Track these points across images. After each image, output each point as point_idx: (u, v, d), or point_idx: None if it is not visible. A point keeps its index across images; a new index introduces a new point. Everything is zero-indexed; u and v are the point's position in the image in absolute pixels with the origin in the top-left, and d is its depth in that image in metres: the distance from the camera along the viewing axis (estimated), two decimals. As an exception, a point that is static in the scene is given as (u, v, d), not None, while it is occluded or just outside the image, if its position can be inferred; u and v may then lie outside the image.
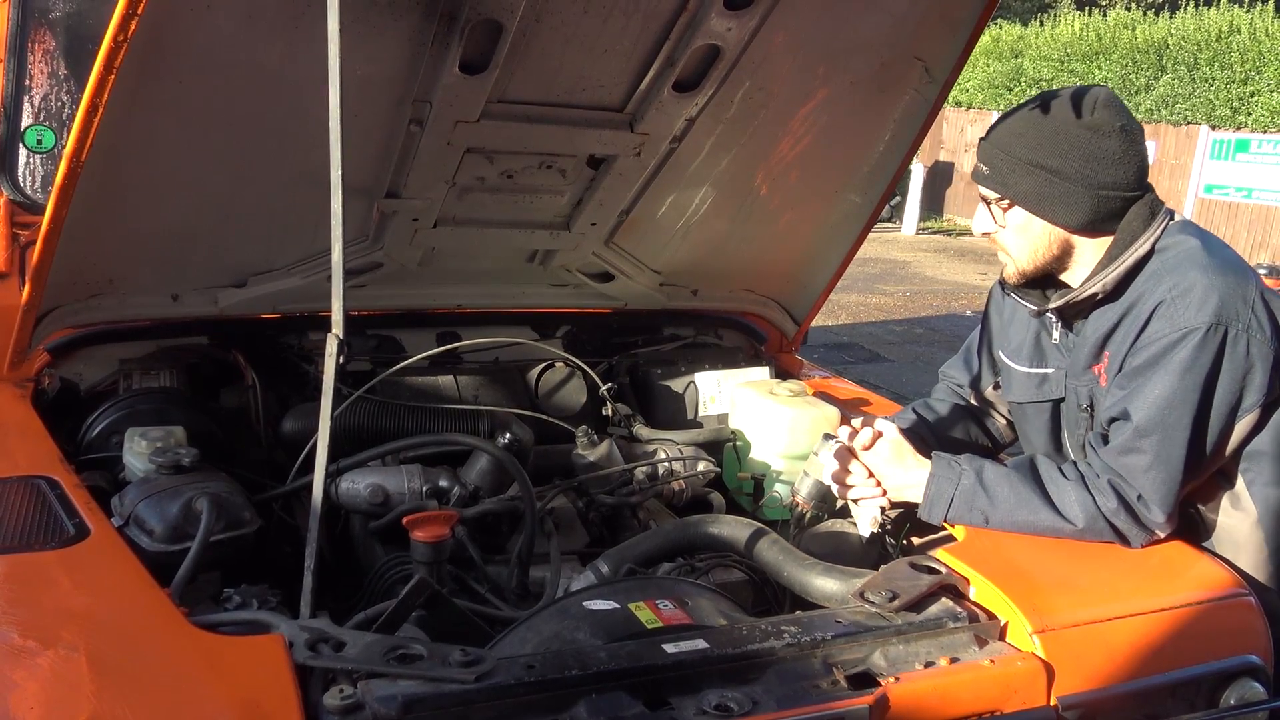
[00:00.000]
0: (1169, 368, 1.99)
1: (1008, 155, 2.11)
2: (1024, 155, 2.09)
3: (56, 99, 2.67)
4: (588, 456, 2.48)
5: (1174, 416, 1.99)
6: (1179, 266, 2.05)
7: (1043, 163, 2.07)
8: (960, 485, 2.08)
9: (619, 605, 1.75)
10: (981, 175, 2.18)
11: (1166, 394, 1.99)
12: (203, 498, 1.90)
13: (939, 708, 1.64)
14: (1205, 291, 1.99)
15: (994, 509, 2.06)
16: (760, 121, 2.42)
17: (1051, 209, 2.10)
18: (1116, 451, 2.03)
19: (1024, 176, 2.09)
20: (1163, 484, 2.00)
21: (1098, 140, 2.05)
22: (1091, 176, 2.06)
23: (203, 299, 2.53)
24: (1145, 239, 2.09)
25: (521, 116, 2.22)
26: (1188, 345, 1.98)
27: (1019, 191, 2.11)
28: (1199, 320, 1.97)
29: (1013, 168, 2.10)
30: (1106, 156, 2.06)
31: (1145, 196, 2.13)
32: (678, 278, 2.97)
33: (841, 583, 1.90)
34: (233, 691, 1.44)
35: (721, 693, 1.55)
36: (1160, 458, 2.00)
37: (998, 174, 2.13)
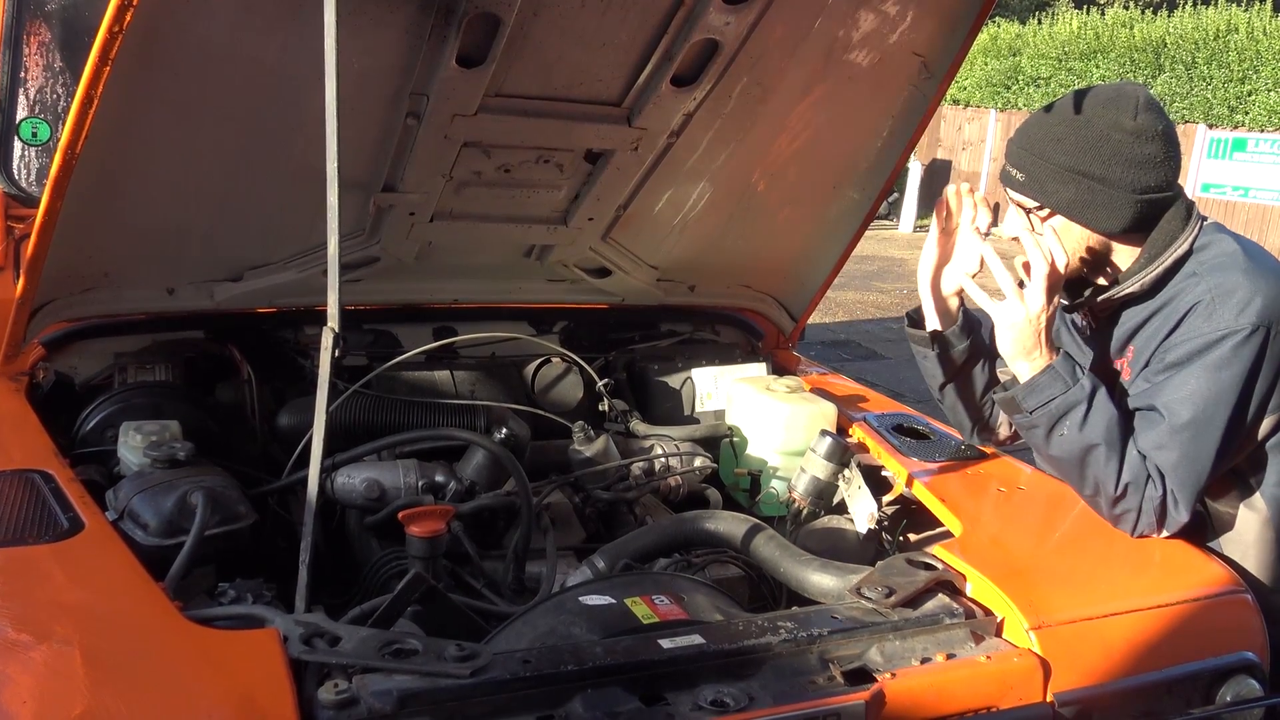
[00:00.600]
0: (1207, 365, 1.97)
1: (1046, 162, 2.05)
2: (1064, 162, 2.03)
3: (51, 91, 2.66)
4: (584, 452, 2.48)
5: (1207, 415, 1.97)
6: (1220, 269, 2.03)
7: (1086, 170, 2.02)
8: (1071, 392, 2.01)
9: (615, 600, 1.75)
10: (1016, 181, 2.11)
11: (1204, 391, 1.97)
12: (198, 492, 1.90)
13: (935, 704, 1.64)
14: (1249, 294, 1.98)
15: (1078, 433, 1.99)
16: (758, 117, 2.42)
17: (1094, 216, 2.06)
18: (1150, 446, 2.02)
19: (1065, 184, 2.04)
20: (1189, 481, 2.00)
21: (1141, 145, 2.01)
22: (1135, 182, 2.02)
23: (198, 293, 2.52)
24: (1184, 239, 2.08)
25: (519, 110, 2.21)
26: (1228, 344, 1.96)
27: (1060, 199, 2.06)
28: (1242, 322, 1.96)
29: (1052, 175, 2.05)
30: (1149, 161, 2.02)
31: (1180, 198, 2.11)
32: (675, 273, 2.96)
33: (838, 579, 1.90)
34: (227, 686, 1.43)
35: (718, 688, 1.54)
36: (1189, 455, 1.99)
37: (1036, 182, 2.07)
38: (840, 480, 2.40)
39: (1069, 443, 2.02)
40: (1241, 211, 15.30)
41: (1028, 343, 2.04)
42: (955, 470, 2.38)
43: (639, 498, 2.50)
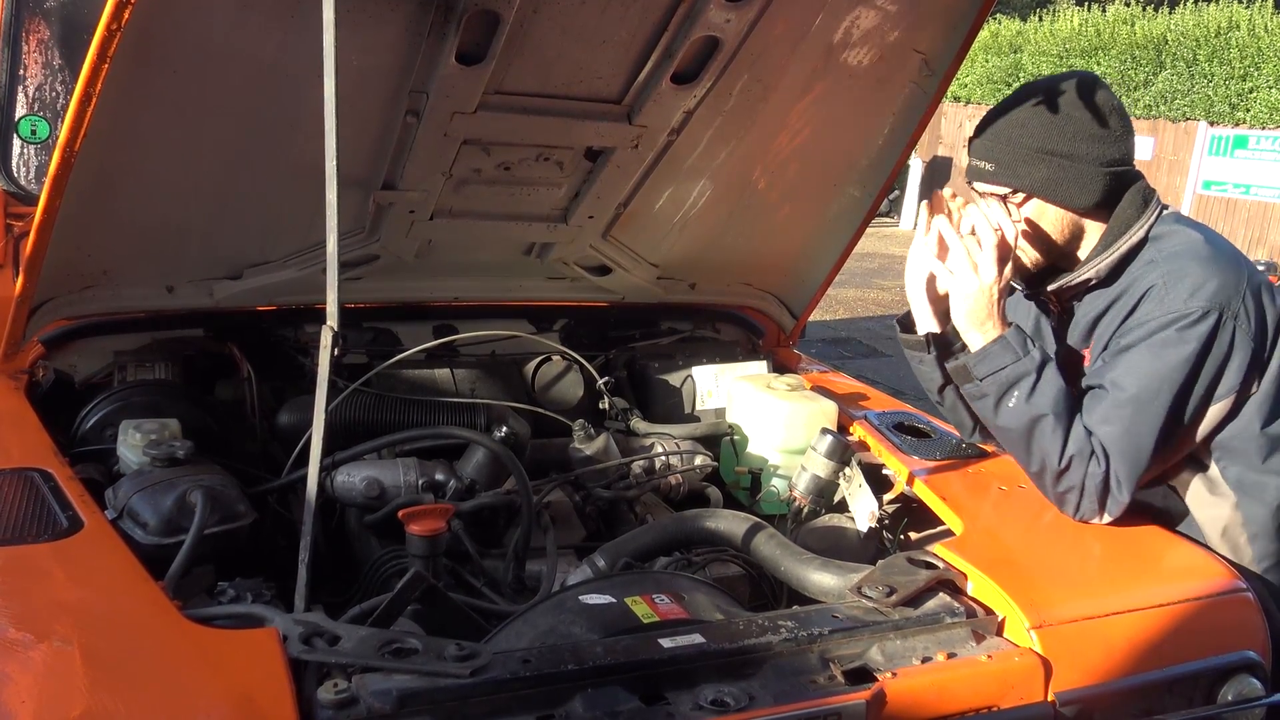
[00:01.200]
0: (1153, 345, 2.03)
1: (1015, 146, 2.12)
2: (1033, 144, 2.11)
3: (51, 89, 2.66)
4: (585, 450, 2.47)
5: (1150, 393, 2.02)
6: (1177, 256, 2.09)
7: (1054, 149, 2.10)
8: (1021, 362, 2.05)
9: (615, 599, 1.74)
10: (985, 173, 2.17)
11: (1146, 370, 2.02)
12: (197, 491, 1.89)
13: (936, 703, 1.63)
14: (1201, 279, 2.03)
15: (1025, 404, 2.03)
16: (759, 114, 2.41)
17: (1067, 192, 2.13)
18: (1095, 420, 2.06)
19: (1036, 165, 2.11)
20: (1130, 458, 2.03)
21: (1100, 120, 2.11)
22: (1101, 155, 2.11)
23: (198, 291, 2.52)
24: (1139, 226, 2.14)
25: (519, 108, 2.20)
26: (1175, 327, 2.01)
27: (1034, 180, 2.13)
28: (1192, 306, 2.02)
29: (1023, 158, 2.12)
30: (1110, 135, 2.11)
31: (1138, 183, 2.18)
32: (675, 271, 2.96)
33: (839, 578, 1.89)
34: (227, 685, 1.43)
35: (718, 688, 1.54)
36: (1130, 431, 2.02)
37: (1007, 168, 2.14)
38: (841, 478, 2.39)
39: (1017, 413, 2.06)
40: (1243, 209, 15.27)
41: (980, 314, 2.07)
42: (956, 469, 2.38)
43: (639, 496, 2.49)
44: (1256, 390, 2.10)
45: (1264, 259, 13.61)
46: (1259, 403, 2.10)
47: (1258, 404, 2.10)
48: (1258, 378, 2.09)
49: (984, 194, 2.20)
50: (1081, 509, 2.06)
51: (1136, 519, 2.14)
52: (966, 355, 2.11)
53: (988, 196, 2.19)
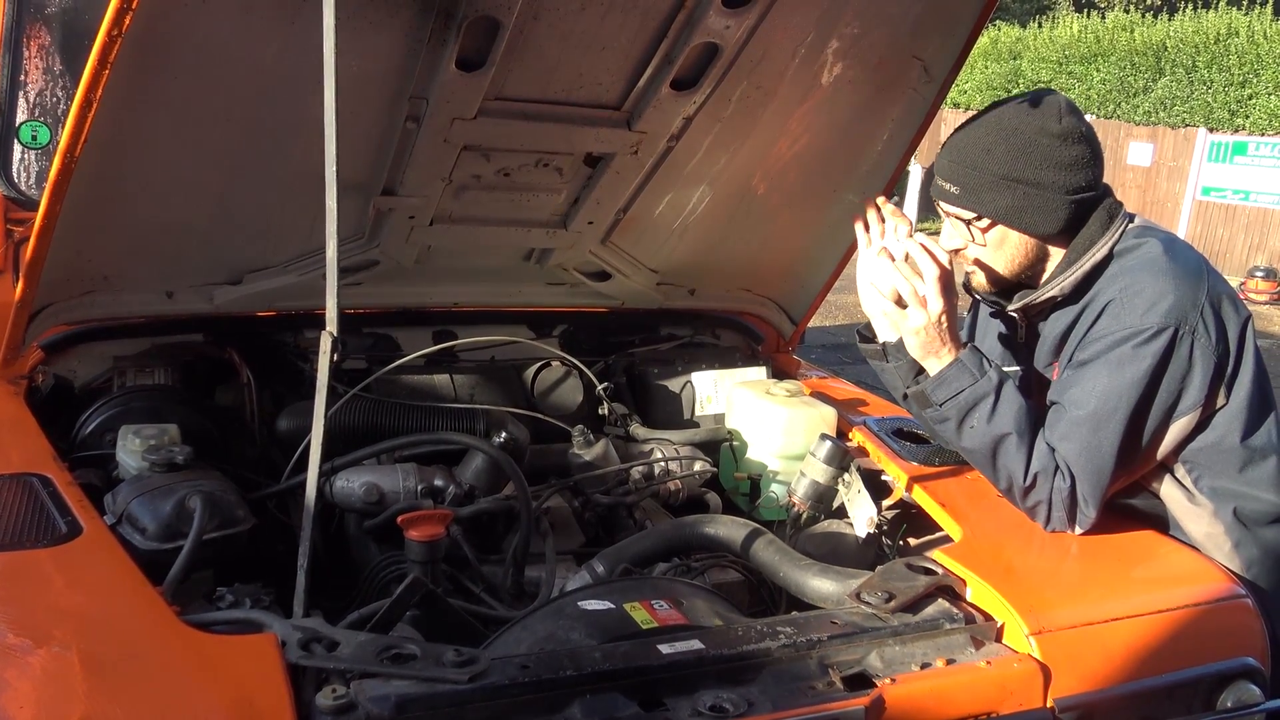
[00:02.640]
0: (1109, 362, 2.03)
1: (979, 172, 2.11)
2: (998, 170, 2.09)
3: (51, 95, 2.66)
4: (584, 456, 2.47)
5: (1107, 410, 2.02)
6: (1136, 270, 2.09)
7: (1019, 176, 2.08)
8: (978, 384, 2.05)
9: (614, 605, 1.74)
10: (950, 195, 2.16)
11: (1103, 387, 2.02)
12: (196, 496, 1.89)
13: (935, 709, 1.64)
14: (1157, 294, 2.03)
15: (986, 425, 2.04)
16: (758, 120, 2.41)
17: (1031, 220, 2.12)
18: (1056, 437, 2.06)
19: (1000, 192, 2.10)
20: (1091, 474, 2.03)
21: (1068, 147, 2.08)
22: (1066, 183, 2.09)
23: (198, 296, 2.52)
24: (1103, 243, 2.14)
25: (518, 114, 2.20)
26: (1131, 343, 2.01)
27: (998, 208, 2.12)
28: (1147, 321, 2.01)
29: (987, 184, 2.10)
30: (1077, 162, 2.09)
31: (1105, 200, 2.17)
32: (675, 277, 2.96)
33: (838, 583, 1.89)
34: (225, 691, 1.43)
35: (717, 694, 1.54)
36: (1090, 447, 2.03)
37: (971, 193, 2.13)
38: (840, 484, 2.39)
39: (979, 434, 2.06)
40: (1242, 215, 15.29)
41: (934, 344, 2.08)
42: (955, 475, 2.38)
43: (638, 502, 2.49)
44: (1226, 403, 2.10)
45: (1263, 265, 13.66)
46: (1233, 415, 2.10)
47: (1231, 416, 2.10)
48: (1225, 390, 2.09)
49: (948, 214, 2.20)
50: (1052, 522, 2.07)
51: (1134, 525, 2.14)
52: (925, 380, 2.11)
53: (952, 217, 2.20)
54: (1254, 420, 2.12)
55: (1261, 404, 2.13)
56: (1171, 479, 2.17)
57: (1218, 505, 2.13)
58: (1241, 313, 2.14)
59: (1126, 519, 2.16)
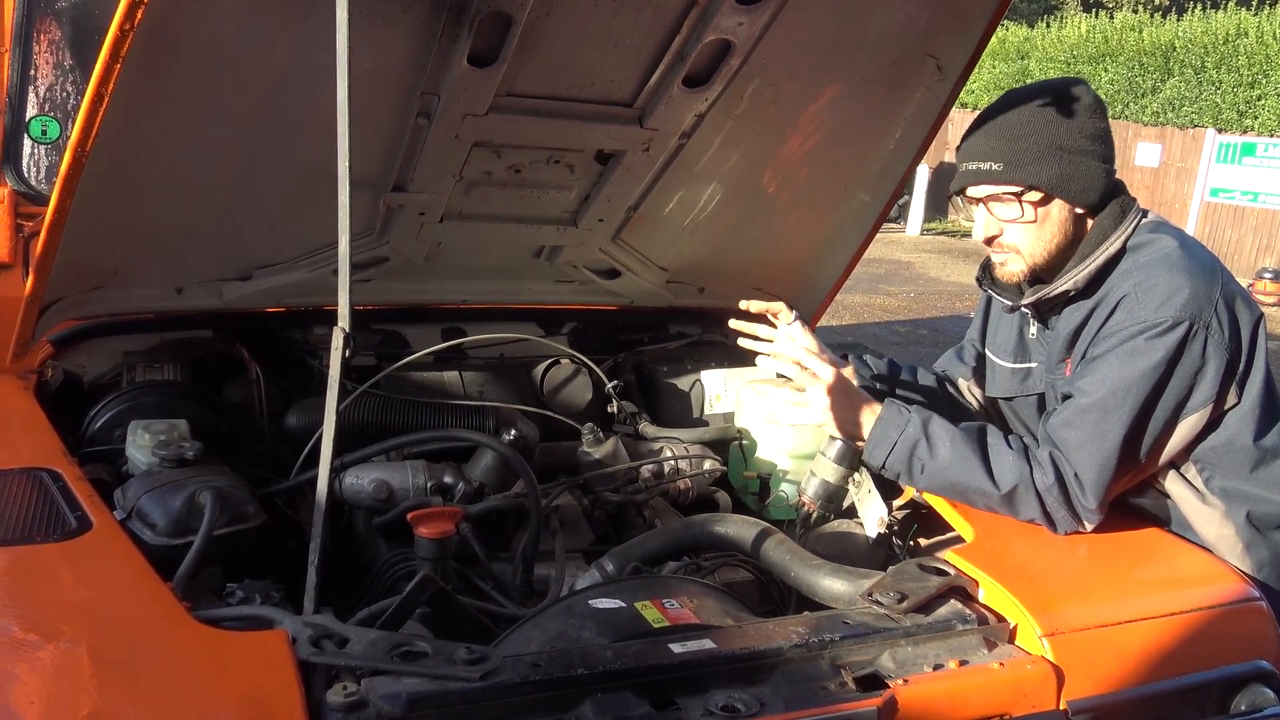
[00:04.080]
0: (1121, 354, 2.02)
1: (1024, 143, 2.11)
2: (1044, 140, 2.10)
3: (62, 90, 2.66)
4: (593, 454, 2.46)
5: (1116, 399, 2.01)
6: (1150, 265, 2.08)
7: (1064, 144, 2.10)
8: (905, 432, 2.09)
9: (625, 604, 1.73)
10: (992, 174, 2.14)
11: (1113, 377, 2.02)
12: (206, 492, 1.89)
13: (947, 710, 1.62)
14: (1172, 288, 2.02)
15: (933, 461, 2.07)
16: (770, 118, 2.40)
17: (1078, 189, 2.13)
18: (1059, 424, 2.06)
19: (1049, 162, 2.10)
20: (1095, 464, 2.01)
21: (1097, 119, 2.13)
22: (1101, 152, 2.14)
23: (207, 292, 2.52)
24: (1117, 237, 2.13)
25: (530, 110, 2.20)
26: (1143, 336, 2.01)
27: (1049, 177, 2.11)
28: (1161, 315, 2.00)
29: (1035, 155, 2.10)
30: (1105, 134, 2.15)
31: (1119, 195, 2.18)
32: (684, 275, 2.95)
33: (849, 583, 1.88)
34: (235, 688, 1.42)
35: (728, 693, 1.53)
36: (1095, 436, 2.01)
37: (1017, 167, 2.12)
38: (850, 484, 2.37)
39: (934, 473, 2.08)
40: (1250, 216, 15.24)
41: (847, 414, 2.14)
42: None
43: (648, 500, 2.48)
44: (1238, 402, 2.08)
45: (1272, 266, 13.61)
46: (1245, 415, 2.09)
47: (1243, 416, 2.09)
48: (1236, 389, 2.08)
49: (982, 198, 2.18)
50: (1058, 526, 2.05)
51: (1146, 526, 2.13)
52: (863, 450, 2.15)
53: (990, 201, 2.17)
54: (1266, 421, 2.10)
55: (1271, 404, 2.12)
56: (1182, 479, 2.15)
57: (1229, 506, 2.12)
58: (1254, 312, 2.12)
59: (1138, 519, 2.15)
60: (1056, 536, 2.06)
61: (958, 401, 2.58)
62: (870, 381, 2.51)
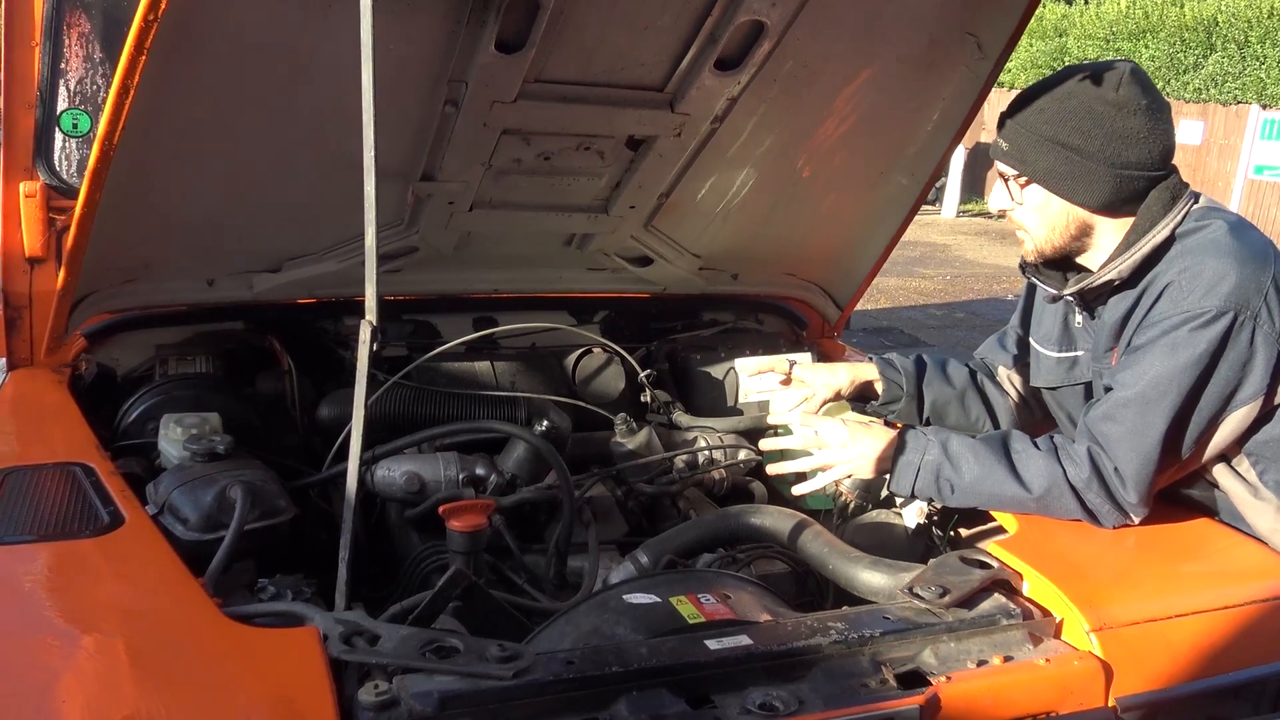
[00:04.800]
0: (1164, 346, 1.94)
1: (1028, 131, 2.04)
2: (1044, 131, 2.02)
3: (92, 83, 2.65)
4: (626, 444, 2.43)
5: (1157, 393, 1.93)
6: (1197, 251, 1.99)
7: (1063, 140, 2.00)
8: (926, 456, 2.04)
9: (660, 599, 1.71)
10: (1000, 151, 2.11)
11: (1155, 369, 1.94)
12: (237, 486, 1.88)
13: (992, 708, 1.58)
14: (1217, 276, 1.93)
15: (959, 478, 2.02)
16: (804, 101, 2.35)
17: (1070, 188, 2.03)
18: (1099, 417, 1.99)
19: (1043, 153, 2.02)
20: (1136, 458, 1.94)
21: (1122, 118, 1.98)
22: (1114, 155, 1.99)
23: (238, 284, 2.52)
24: (1165, 224, 2.03)
25: (559, 97, 2.16)
26: (1187, 327, 1.92)
27: (1038, 168, 2.04)
28: (1205, 304, 1.92)
29: (1032, 144, 2.03)
30: (1130, 135, 1.99)
31: (1168, 179, 2.06)
32: (717, 262, 2.91)
33: (889, 577, 1.84)
34: (266, 686, 1.41)
35: (766, 691, 1.50)
36: (1136, 430, 1.94)
37: (1016, 150, 2.06)
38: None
39: (964, 490, 2.03)
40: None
41: (868, 457, 2.08)
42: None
43: (682, 491, 2.45)
44: None
45: (1318, 245, 13.31)
46: None
47: None
48: None
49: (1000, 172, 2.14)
50: (1102, 519, 1.98)
51: (1195, 517, 2.07)
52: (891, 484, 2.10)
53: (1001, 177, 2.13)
54: None
55: None
56: (1233, 472, 2.08)
57: None
58: None
59: (1187, 511, 2.09)
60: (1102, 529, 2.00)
61: (989, 395, 2.51)
62: (896, 381, 2.44)
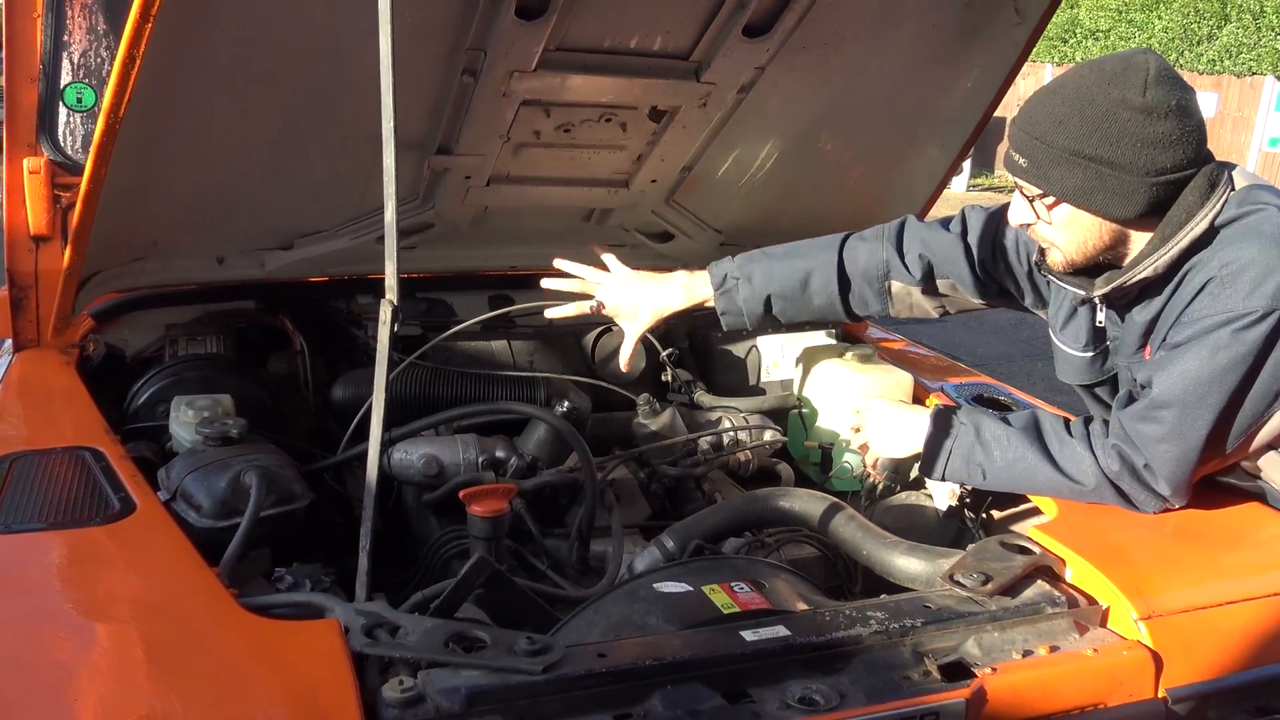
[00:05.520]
0: (1204, 346, 1.81)
1: (1048, 146, 1.85)
2: (1068, 145, 1.83)
3: (96, 55, 2.57)
4: (649, 425, 2.37)
5: (1198, 395, 1.81)
6: (1239, 241, 1.84)
7: (1091, 154, 1.82)
8: (958, 440, 1.96)
9: (692, 588, 1.64)
10: (1019, 168, 1.92)
11: (1194, 372, 1.81)
12: (252, 472, 1.82)
13: (1040, 701, 1.52)
14: (1263, 272, 1.79)
15: (991, 463, 1.94)
16: (834, 69, 2.27)
17: (1104, 203, 1.86)
18: (1134, 416, 1.88)
19: (1069, 170, 1.84)
20: (1174, 460, 1.84)
21: (1152, 124, 1.80)
22: (1147, 164, 1.82)
23: (248, 262, 2.46)
24: (1203, 215, 1.87)
25: (581, 65, 2.09)
26: (1230, 328, 1.79)
27: (1065, 187, 1.86)
28: (1250, 305, 1.78)
29: (1055, 160, 1.85)
30: (1163, 140, 1.81)
31: (1203, 169, 1.89)
32: (739, 237, 2.83)
33: (928, 563, 1.78)
34: (286, 681, 1.35)
35: (805, 684, 1.44)
36: (1177, 433, 1.83)
37: (1038, 168, 1.88)
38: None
39: (996, 475, 1.95)
40: (1312, 167, 14.76)
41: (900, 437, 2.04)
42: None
43: (707, 473, 2.39)
44: None
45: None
46: None
47: None
48: None
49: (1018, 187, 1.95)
50: (1141, 506, 1.89)
51: (1243, 502, 1.99)
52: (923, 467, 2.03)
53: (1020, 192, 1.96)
54: None
55: None
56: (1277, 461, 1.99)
57: None
58: None
59: (1232, 495, 2.01)
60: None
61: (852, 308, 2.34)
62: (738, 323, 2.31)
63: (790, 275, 2.25)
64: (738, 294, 2.24)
